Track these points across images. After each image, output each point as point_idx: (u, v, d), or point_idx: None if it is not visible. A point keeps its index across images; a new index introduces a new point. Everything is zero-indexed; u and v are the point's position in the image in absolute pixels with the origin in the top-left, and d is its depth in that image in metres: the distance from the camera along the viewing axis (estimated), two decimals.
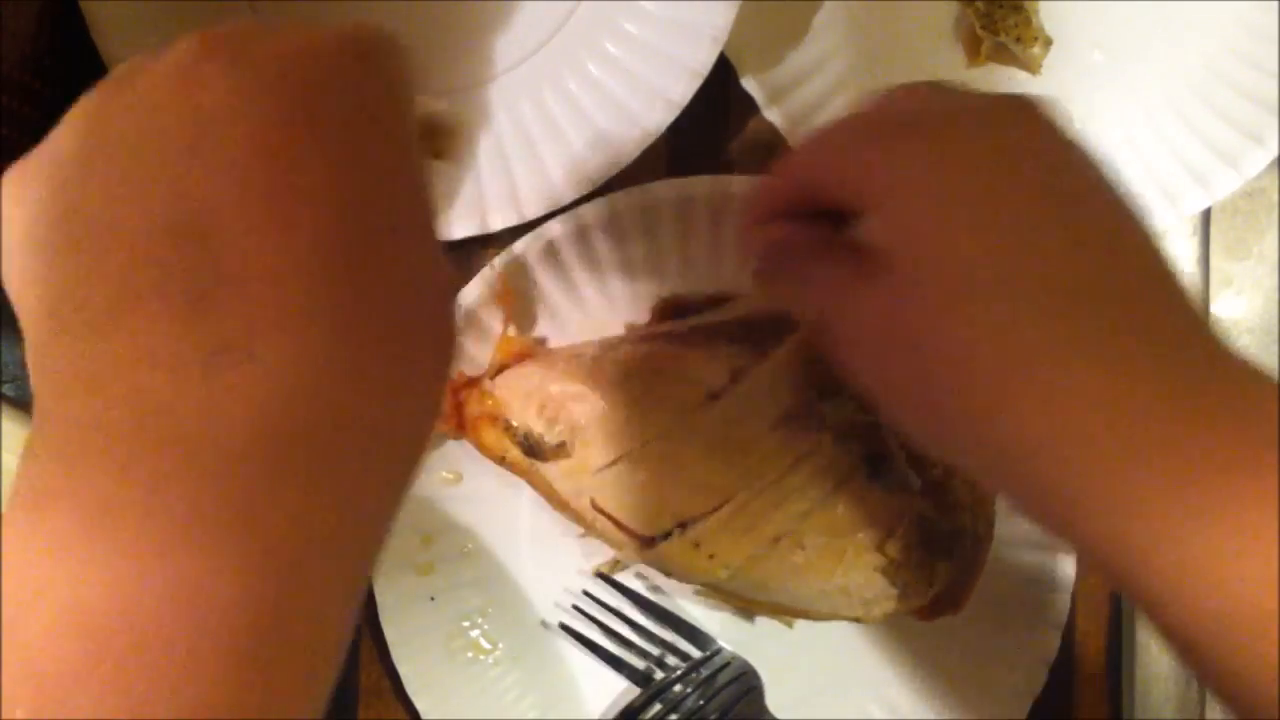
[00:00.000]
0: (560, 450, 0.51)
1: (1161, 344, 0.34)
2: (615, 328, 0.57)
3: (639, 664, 0.56)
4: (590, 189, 0.54)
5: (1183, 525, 0.32)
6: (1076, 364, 0.33)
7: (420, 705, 0.55)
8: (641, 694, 0.55)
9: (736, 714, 0.55)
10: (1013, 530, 0.56)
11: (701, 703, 0.55)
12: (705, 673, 0.56)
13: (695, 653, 0.57)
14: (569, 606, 0.57)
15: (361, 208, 0.29)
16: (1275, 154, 0.55)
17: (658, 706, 0.55)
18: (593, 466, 0.51)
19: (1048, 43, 0.56)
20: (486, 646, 0.57)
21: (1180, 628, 0.33)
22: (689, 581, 0.52)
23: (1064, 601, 0.56)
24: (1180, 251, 0.59)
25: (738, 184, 0.54)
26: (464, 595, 0.57)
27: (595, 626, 0.57)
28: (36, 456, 0.28)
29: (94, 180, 0.29)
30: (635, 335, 0.57)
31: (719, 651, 0.56)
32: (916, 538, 0.50)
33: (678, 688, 0.55)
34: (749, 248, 0.45)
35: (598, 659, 0.57)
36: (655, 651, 0.57)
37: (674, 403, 0.50)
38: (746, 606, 0.53)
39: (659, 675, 0.56)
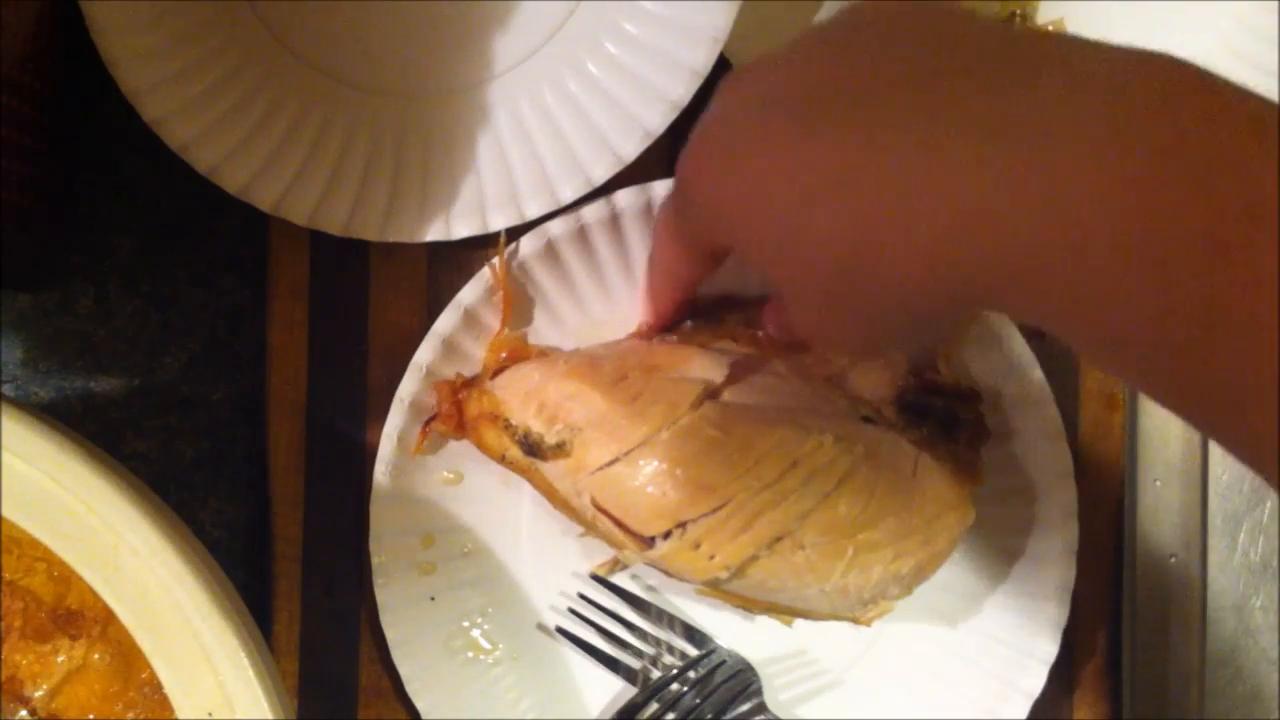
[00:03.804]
0: (560, 450, 0.51)
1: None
2: (615, 328, 0.57)
3: (635, 664, 0.56)
4: (590, 189, 0.54)
5: None
6: None
7: (420, 705, 0.55)
8: (638, 693, 0.55)
9: (733, 711, 0.55)
10: (1014, 531, 0.56)
11: (698, 701, 0.55)
12: (701, 671, 0.56)
13: (692, 651, 0.57)
14: (567, 608, 0.57)
15: None
16: None
17: (655, 705, 0.55)
18: (592, 465, 0.51)
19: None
20: (486, 646, 0.57)
21: None
22: (689, 581, 0.52)
23: (1064, 601, 0.56)
24: None
25: None
26: (464, 595, 0.57)
27: (592, 628, 0.57)
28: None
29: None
30: (634, 336, 0.57)
31: (714, 650, 0.57)
32: None
33: (674, 686, 0.55)
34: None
35: (595, 660, 0.57)
36: (651, 651, 0.57)
37: (673, 401, 0.50)
38: (746, 606, 0.53)
39: (656, 674, 0.56)
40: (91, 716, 0.45)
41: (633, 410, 0.50)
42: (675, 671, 0.56)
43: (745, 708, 0.55)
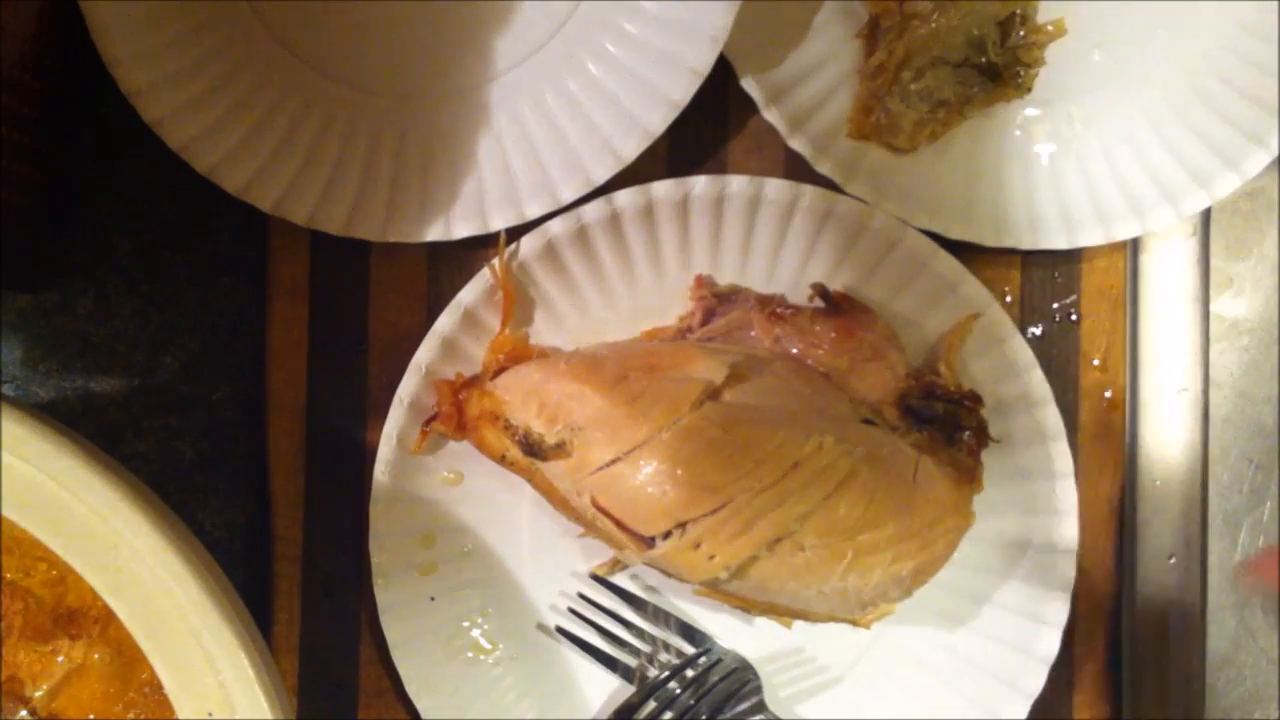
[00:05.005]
0: (560, 450, 0.51)
1: None
2: (615, 328, 0.57)
3: (632, 662, 0.56)
4: (590, 189, 0.54)
5: None
6: None
7: (420, 706, 0.55)
8: (635, 692, 0.55)
9: (732, 710, 0.55)
10: (1013, 531, 0.56)
11: (694, 701, 0.55)
12: (698, 669, 0.56)
13: (689, 650, 0.57)
14: (567, 608, 0.57)
15: None
16: (1275, 154, 0.55)
17: (652, 704, 0.55)
18: (592, 465, 0.51)
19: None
20: (486, 646, 0.57)
21: None
22: (689, 581, 0.52)
23: (1064, 601, 0.56)
24: (1180, 251, 0.59)
25: (737, 184, 0.54)
26: (464, 595, 0.57)
27: (591, 628, 0.57)
28: None
29: None
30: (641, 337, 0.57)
31: (711, 648, 0.56)
32: None
33: (671, 685, 0.55)
34: None
35: (593, 660, 0.57)
36: (647, 649, 0.57)
37: (674, 401, 0.50)
38: (745, 607, 0.53)
39: (653, 673, 0.56)
40: (91, 717, 0.45)
41: (634, 410, 0.50)
42: (670, 671, 0.55)
43: (744, 706, 0.55)
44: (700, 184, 0.54)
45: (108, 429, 0.59)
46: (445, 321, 0.55)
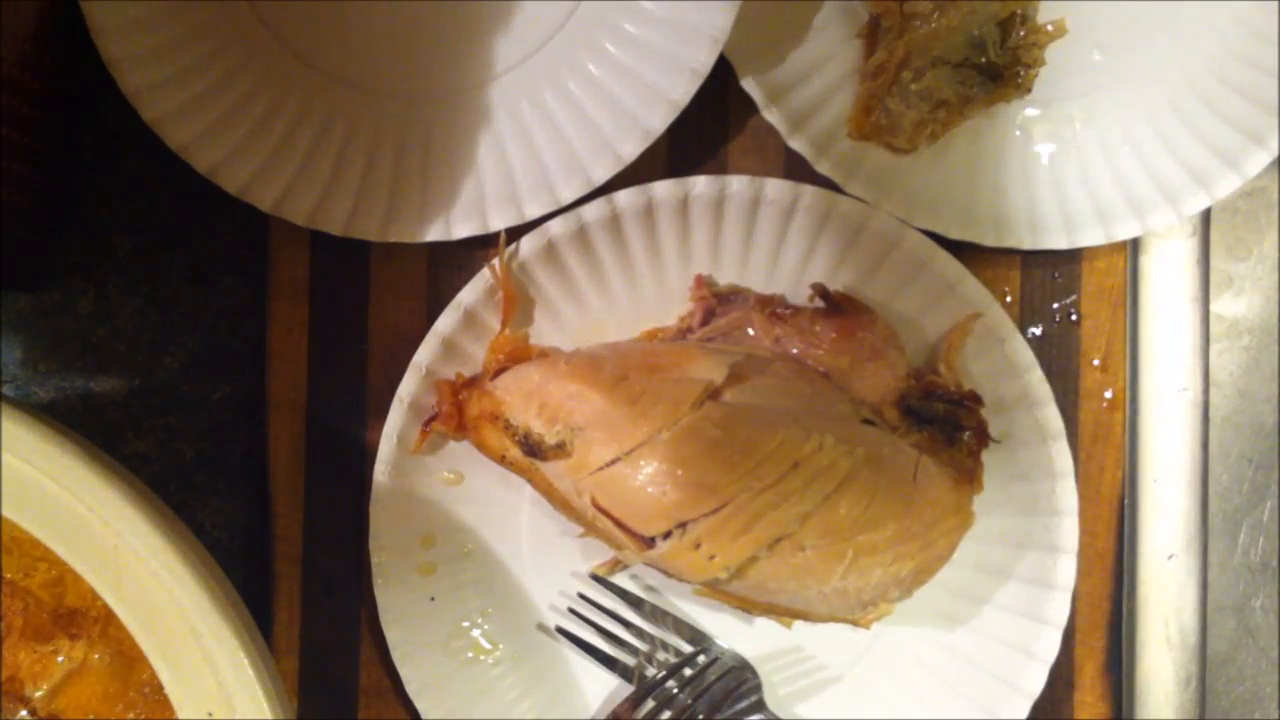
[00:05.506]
0: (560, 450, 0.51)
1: None
2: (615, 328, 0.57)
3: (631, 662, 0.56)
4: (590, 189, 0.54)
5: None
6: None
7: (420, 706, 0.55)
8: (632, 692, 0.55)
9: (731, 709, 0.55)
10: (1014, 531, 0.56)
11: (692, 700, 0.55)
12: (695, 669, 0.56)
13: (689, 650, 0.57)
14: (567, 608, 0.57)
15: None
16: (1275, 154, 0.55)
17: (651, 704, 0.55)
18: (593, 465, 0.51)
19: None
20: (487, 647, 0.57)
21: None
22: (689, 581, 0.52)
23: (1064, 601, 0.56)
24: (1180, 251, 0.59)
25: (737, 184, 0.54)
26: (464, 596, 0.57)
27: (590, 628, 0.57)
28: None
29: None
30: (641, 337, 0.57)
31: (709, 648, 0.57)
32: None
33: (669, 684, 0.55)
34: None
35: (593, 659, 0.57)
36: (646, 649, 0.57)
37: (674, 401, 0.50)
38: (745, 607, 0.53)
39: (651, 672, 0.56)
40: (91, 717, 0.45)
41: (634, 410, 0.50)
42: (667, 670, 0.55)
43: (743, 705, 0.55)
44: (700, 184, 0.54)
45: (108, 429, 0.59)
46: (445, 321, 0.55)
